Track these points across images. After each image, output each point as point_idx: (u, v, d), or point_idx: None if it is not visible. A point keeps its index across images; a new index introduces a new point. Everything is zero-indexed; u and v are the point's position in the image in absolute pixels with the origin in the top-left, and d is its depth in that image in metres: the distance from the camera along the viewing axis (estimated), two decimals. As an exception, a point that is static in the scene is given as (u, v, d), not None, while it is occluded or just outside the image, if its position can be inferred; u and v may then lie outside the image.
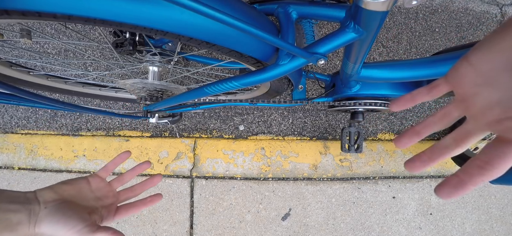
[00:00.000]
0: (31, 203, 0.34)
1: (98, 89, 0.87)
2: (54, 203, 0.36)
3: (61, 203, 0.37)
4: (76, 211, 0.37)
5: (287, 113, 1.11)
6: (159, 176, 0.48)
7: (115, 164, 0.47)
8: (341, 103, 0.73)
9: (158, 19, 0.32)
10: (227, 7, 0.35)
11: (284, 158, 1.09)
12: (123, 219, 1.00)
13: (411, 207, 1.11)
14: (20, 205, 0.33)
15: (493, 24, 1.13)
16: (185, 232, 1.07)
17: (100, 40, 1.06)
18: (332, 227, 1.10)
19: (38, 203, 0.35)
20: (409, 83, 0.66)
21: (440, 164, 1.13)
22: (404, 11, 1.11)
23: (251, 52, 0.41)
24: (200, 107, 0.80)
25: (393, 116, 1.13)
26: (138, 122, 1.10)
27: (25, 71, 0.67)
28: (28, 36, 0.46)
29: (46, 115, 1.09)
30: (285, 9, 0.46)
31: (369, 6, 0.31)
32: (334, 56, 1.10)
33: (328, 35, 0.40)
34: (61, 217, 0.35)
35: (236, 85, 0.47)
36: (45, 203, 0.35)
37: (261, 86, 0.72)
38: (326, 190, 1.09)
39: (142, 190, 0.48)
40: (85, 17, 0.30)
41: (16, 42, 0.98)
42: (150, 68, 0.65)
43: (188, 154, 1.08)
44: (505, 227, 1.14)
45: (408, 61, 0.54)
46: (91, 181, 0.44)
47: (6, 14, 0.28)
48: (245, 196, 1.08)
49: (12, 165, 1.09)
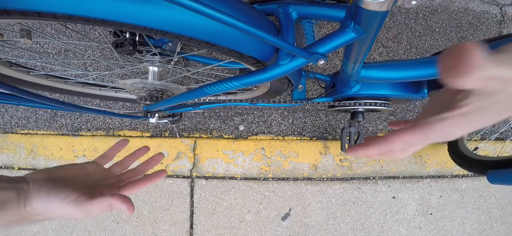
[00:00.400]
0: (19, 181, 0.32)
1: (98, 89, 0.87)
2: (44, 179, 0.33)
3: (52, 178, 0.34)
4: (69, 184, 0.34)
5: (287, 113, 1.11)
6: (160, 155, 0.47)
7: (114, 151, 0.45)
8: (341, 103, 0.73)
9: (158, 19, 0.32)
10: (227, 7, 0.35)
11: (284, 158, 1.09)
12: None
13: (411, 207, 1.11)
14: (6, 183, 0.31)
15: (493, 24, 1.13)
16: (185, 232, 1.07)
17: (100, 40, 1.06)
18: (332, 227, 1.10)
19: (26, 182, 0.32)
20: (409, 83, 0.66)
21: (440, 164, 1.13)
22: (404, 11, 1.11)
23: (251, 52, 0.41)
24: (200, 107, 0.80)
25: (393, 116, 1.13)
26: (138, 122, 1.10)
27: (25, 71, 0.67)
28: (28, 36, 0.46)
29: (46, 115, 1.09)
30: (285, 9, 0.46)
31: (369, 6, 0.31)
32: (334, 56, 1.10)
33: (328, 35, 0.40)
34: (51, 189, 0.32)
35: (236, 85, 0.47)
36: (34, 181, 0.33)
37: (261, 86, 0.72)
38: (326, 190, 1.09)
39: (145, 169, 0.46)
40: (85, 17, 0.29)
41: (16, 42, 0.98)
42: (150, 68, 0.65)
43: (188, 154, 1.08)
44: (505, 227, 1.14)
45: (408, 61, 0.54)
46: (86, 166, 0.40)
47: (6, 14, 0.28)
48: (245, 196, 1.08)
49: (12, 165, 1.09)
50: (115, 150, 0.46)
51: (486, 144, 1.12)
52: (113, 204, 0.34)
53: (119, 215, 1.07)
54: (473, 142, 1.12)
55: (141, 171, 0.45)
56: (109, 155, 0.44)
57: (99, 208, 0.34)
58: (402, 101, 0.74)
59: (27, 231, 1.08)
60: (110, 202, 0.34)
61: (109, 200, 0.34)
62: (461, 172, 1.13)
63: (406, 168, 1.12)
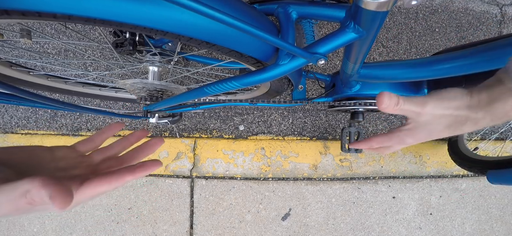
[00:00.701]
0: None
1: (98, 89, 0.87)
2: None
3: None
4: (10, 167, 0.24)
5: (287, 113, 1.11)
6: (160, 139, 0.35)
7: (102, 136, 0.35)
8: (341, 103, 0.73)
9: (158, 19, 0.32)
10: (227, 7, 0.35)
11: (284, 158, 1.09)
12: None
13: (411, 207, 1.11)
14: None
15: (493, 24, 1.13)
16: (185, 232, 1.07)
17: (100, 40, 1.06)
18: (332, 227, 1.10)
19: None
20: (409, 83, 0.66)
21: (440, 164, 1.13)
22: (404, 11, 1.11)
23: (251, 52, 0.41)
24: (200, 107, 0.80)
25: (393, 116, 1.13)
26: (138, 122, 1.10)
27: (25, 71, 0.67)
28: (28, 36, 0.46)
29: (46, 115, 1.09)
30: (285, 9, 0.46)
31: (369, 6, 0.31)
32: (334, 56, 1.10)
33: (328, 35, 0.40)
34: None
35: (236, 85, 0.47)
36: None
37: (261, 86, 0.72)
38: (326, 190, 1.09)
39: (134, 158, 0.34)
40: (85, 17, 0.29)
41: (16, 42, 0.98)
42: (150, 68, 0.65)
43: (188, 154, 1.08)
44: (505, 227, 1.14)
45: (408, 61, 0.54)
46: (55, 150, 0.31)
47: (6, 14, 0.28)
48: (245, 196, 1.08)
49: (12, 165, 1.09)
50: (103, 134, 0.35)
51: (486, 144, 1.12)
52: (31, 190, 0.21)
53: (119, 215, 1.07)
54: (473, 142, 1.12)
55: (129, 160, 0.34)
56: (94, 140, 0.34)
57: (7, 197, 0.21)
58: (402, 101, 0.74)
59: (27, 230, 1.08)
60: (26, 188, 0.20)
61: (25, 185, 0.20)
62: (461, 172, 1.13)
63: (406, 168, 1.12)
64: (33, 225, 1.08)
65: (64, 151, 0.31)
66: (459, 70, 0.48)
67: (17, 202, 0.21)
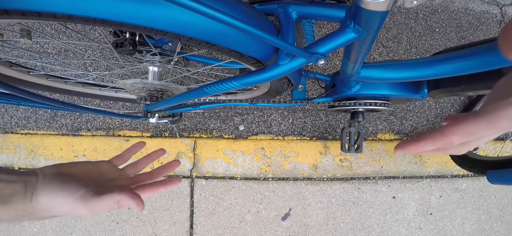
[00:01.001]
0: (29, 175, 0.31)
1: (98, 89, 0.87)
2: (54, 173, 0.32)
3: (62, 173, 0.33)
4: (77, 180, 0.33)
5: (287, 113, 1.11)
6: (177, 162, 0.46)
7: (130, 153, 0.45)
8: (341, 103, 0.73)
9: (158, 19, 0.32)
10: (227, 7, 0.35)
11: (284, 158, 1.09)
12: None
13: (411, 207, 1.11)
14: (15, 176, 0.29)
15: (493, 24, 1.13)
16: (185, 232, 1.07)
17: (100, 40, 1.06)
18: (332, 227, 1.10)
19: (35, 175, 0.31)
20: (409, 83, 0.66)
21: (440, 164, 1.13)
22: (404, 11, 1.11)
23: (251, 52, 0.41)
24: (200, 107, 0.80)
25: (393, 116, 1.13)
26: (138, 122, 1.10)
27: (25, 71, 0.67)
28: (28, 36, 0.46)
29: (46, 115, 1.09)
30: (285, 9, 0.46)
31: (369, 6, 0.31)
32: (334, 56, 1.10)
33: (328, 35, 0.40)
34: (59, 184, 0.31)
35: (236, 85, 0.47)
36: (44, 175, 0.31)
37: (261, 86, 0.72)
38: (326, 190, 1.09)
39: (160, 174, 0.44)
40: (85, 17, 0.30)
41: (16, 42, 0.98)
42: (150, 68, 0.65)
43: (188, 154, 1.08)
44: (505, 227, 1.14)
45: (408, 61, 0.54)
46: (100, 164, 0.40)
47: (6, 14, 0.28)
48: (245, 196, 1.08)
49: (12, 165, 1.09)
50: (130, 152, 0.45)
51: (486, 144, 1.12)
52: (121, 200, 0.33)
53: (119, 215, 1.07)
54: (473, 142, 1.11)
55: (156, 175, 0.44)
56: (124, 156, 0.44)
57: (106, 205, 0.32)
58: (402, 101, 0.74)
59: (27, 230, 1.08)
60: (118, 199, 0.32)
61: (117, 197, 0.32)
62: (461, 172, 1.13)
63: (406, 168, 1.12)
64: (33, 225, 1.08)
65: (106, 165, 0.41)
66: (459, 70, 0.48)
67: (111, 207, 0.32)
